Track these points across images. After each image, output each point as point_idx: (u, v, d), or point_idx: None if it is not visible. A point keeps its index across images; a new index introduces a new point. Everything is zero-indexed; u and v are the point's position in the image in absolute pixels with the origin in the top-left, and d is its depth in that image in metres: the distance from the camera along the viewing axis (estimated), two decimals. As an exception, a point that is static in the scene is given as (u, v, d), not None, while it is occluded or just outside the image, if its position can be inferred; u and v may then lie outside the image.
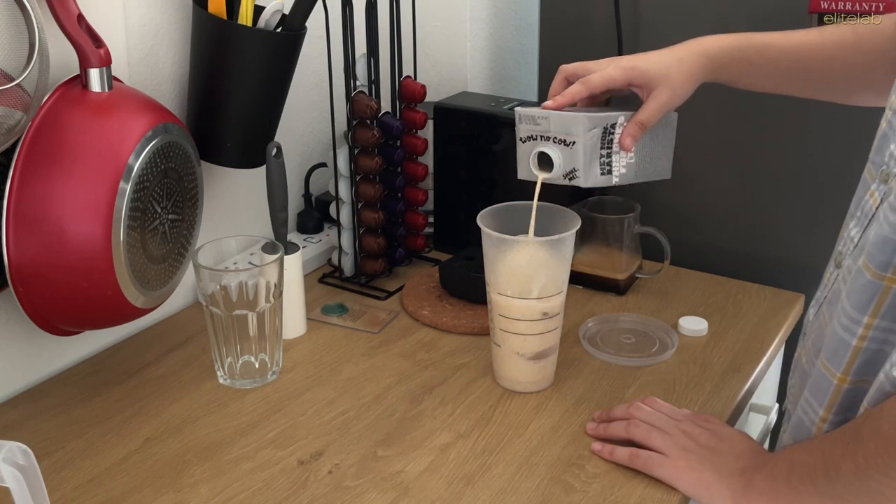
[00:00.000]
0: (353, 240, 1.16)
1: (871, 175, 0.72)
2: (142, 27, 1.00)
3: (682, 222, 1.28)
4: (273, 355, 0.97)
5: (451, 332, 1.07)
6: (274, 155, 0.99)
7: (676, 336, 1.04)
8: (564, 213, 0.94)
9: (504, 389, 0.96)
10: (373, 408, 0.92)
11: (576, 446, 0.86)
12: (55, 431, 0.89)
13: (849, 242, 0.73)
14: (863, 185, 0.74)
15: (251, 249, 1.08)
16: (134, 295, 0.88)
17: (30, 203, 0.81)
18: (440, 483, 0.81)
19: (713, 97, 1.21)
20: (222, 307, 0.93)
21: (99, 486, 0.81)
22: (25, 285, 0.83)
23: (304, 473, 0.83)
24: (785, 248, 1.21)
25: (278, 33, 1.00)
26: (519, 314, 0.92)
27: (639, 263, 1.17)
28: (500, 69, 1.48)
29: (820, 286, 0.80)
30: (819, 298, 0.79)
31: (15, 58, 0.78)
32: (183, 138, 0.92)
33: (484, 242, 0.92)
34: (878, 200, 0.69)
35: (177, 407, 0.93)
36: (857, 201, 0.74)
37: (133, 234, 0.86)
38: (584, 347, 1.03)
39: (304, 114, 1.26)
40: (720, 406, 0.93)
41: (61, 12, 0.82)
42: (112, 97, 0.87)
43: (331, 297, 1.16)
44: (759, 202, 1.22)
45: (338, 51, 1.09)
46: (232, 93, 1.00)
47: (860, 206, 0.72)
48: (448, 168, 1.25)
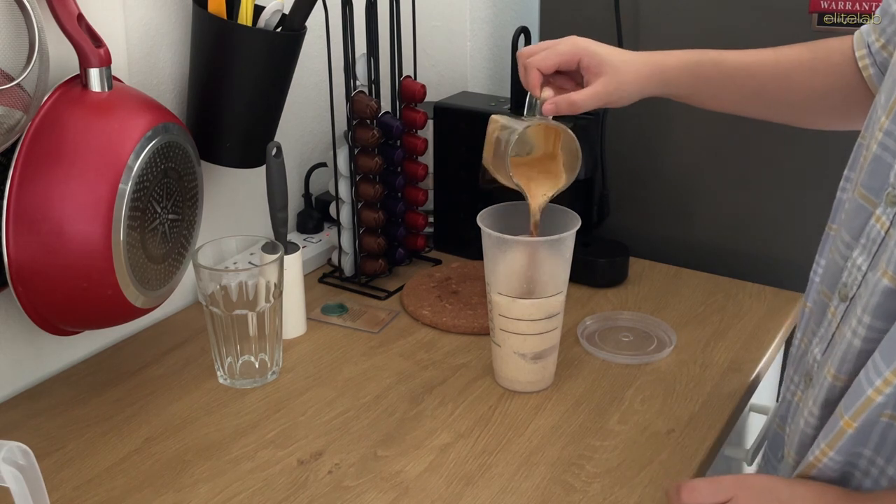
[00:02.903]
0: (353, 240, 1.16)
1: (867, 200, 0.69)
2: (142, 27, 1.00)
3: (682, 222, 1.28)
4: (273, 355, 0.97)
5: (451, 331, 1.07)
6: (274, 155, 0.99)
7: (674, 334, 1.04)
8: (564, 213, 0.94)
9: (504, 389, 0.96)
10: (373, 408, 0.92)
11: (576, 446, 0.86)
12: (55, 431, 0.89)
13: (855, 272, 0.69)
14: (858, 211, 0.70)
15: (251, 249, 1.08)
16: (134, 295, 0.88)
17: (30, 203, 0.81)
18: (440, 483, 0.81)
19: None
20: (222, 307, 0.93)
21: (99, 486, 0.81)
22: (25, 285, 0.83)
23: (304, 473, 0.83)
24: (785, 248, 1.21)
25: (278, 33, 1.00)
26: (519, 314, 0.92)
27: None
28: (500, 69, 1.48)
29: (821, 323, 0.74)
30: (824, 336, 0.73)
31: (15, 58, 0.78)
32: (183, 138, 0.92)
33: (484, 242, 0.92)
34: (886, 224, 0.66)
35: (177, 407, 0.93)
36: (853, 229, 0.70)
37: (133, 233, 0.86)
38: (583, 345, 1.03)
39: (304, 114, 1.26)
40: (720, 406, 0.93)
41: (61, 12, 0.82)
42: (112, 97, 0.87)
43: (331, 296, 1.16)
44: (759, 202, 1.22)
45: (338, 51, 1.09)
46: (232, 93, 1.00)
47: (865, 234, 0.68)
48: (448, 168, 1.25)
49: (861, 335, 0.65)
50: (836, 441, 0.66)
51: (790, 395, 0.81)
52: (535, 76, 0.88)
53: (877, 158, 0.68)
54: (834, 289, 0.73)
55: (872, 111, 0.73)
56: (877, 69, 0.81)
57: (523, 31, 1.18)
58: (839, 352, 0.68)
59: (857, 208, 0.70)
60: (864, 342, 0.65)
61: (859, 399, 0.63)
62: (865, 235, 0.69)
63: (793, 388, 0.80)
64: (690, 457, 0.85)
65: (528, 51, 0.90)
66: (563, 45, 0.88)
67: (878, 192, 0.68)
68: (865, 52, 0.82)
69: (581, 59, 0.88)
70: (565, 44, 0.88)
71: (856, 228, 0.70)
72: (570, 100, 0.87)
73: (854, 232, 0.70)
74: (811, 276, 0.79)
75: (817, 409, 0.70)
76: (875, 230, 0.67)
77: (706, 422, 0.90)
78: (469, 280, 1.18)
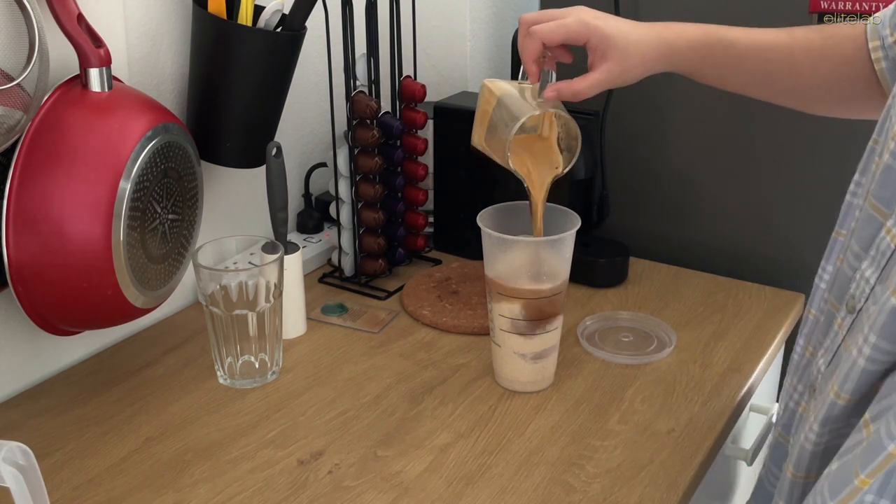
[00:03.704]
0: (353, 240, 1.16)
1: (878, 211, 0.66)
2: (142, 27, 1.00)
3: (682, 222, 1.28)
4: (273, 355, 0.97)
5: (451, 331, 1.07)
6: (274, 155, 0.99)
7: (674, 334, 1.04)
8: (564, 214, 0.94)
9: (504, 389, 0.96)
10: (373, 408, 0.92)
11: (576, 446, 0.86)
12: (55, 431, 0.89)
13: (863, 285, 0.67)
14: (868, 221, 0.67)
15: (251, 249, 1.08)
16: (134, 295, 0.88)
17: (30, 203, 0.81)
18: (440, 483, 0.81)
19: (713, 97, 1.21)
20: (222, 307, 0.93)
21: (99, 486, 0.81)
22: (25, 285, 0.83)
23: (304, 473, 0.83)
24: (785, 248, 1.21)
25: (278, 33, 1.00)
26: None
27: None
28: (500, 69, 1.48)
29: (827, 334, 0.72)
30: (829, 347, 0.71)
31: (15, 58, 0.78)
32: (183, 138, 0.92)
33: (484, 242, 0.92)
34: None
35: (177, 407, 0.93)
36: (863, 239, 0.68)
37: (133, 233, 0.86)
38: (582, 345, 1.03)
39: (304, 114, 1.26)
40: (720, 406, 0.93)
41: (61, 12, 0.82)
42: (112, 97, 0.87)
43: (331, 296, 1.16)
44: (759, 202, 1.22)
45: (338, 51, 1.09)
46: (232, 92, 1.00)
47: (875, 246, 0.66)
48: (448, 168, 1.25)
49: (866, 354, 0.63)
50: (849, 499, 0.61)
51: (794, 405, 0.79)
52: (536, 48, 0.85)
53: (889, 168, 0.66)
54: (842, 300, 0.70)
55: (886, 115, 0.70)
56: (889, 62, 0.79)
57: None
58: (843, 369, 0.65)
59: (868, 218, 0.68)
60: (869, 362, 0.63)
61: (879, 455, 0.58)
62: (875, 247, 0.66)
63: (796, 398, 0.78)
64: (690, 457, 0.85)
65: (532, 17, 0.86)
66: (573, 22, 0.84)
67: (890, 203, 0.65)
68: (879, 45, 0.80)
69: (590, 39, 0.84)
70: (575, 20, 0.84)
71: (865, 239, 0.68)
72: (573, 89, 0.85)
73: (863, 243, 0.68)
74: (816, 281, 0.77)
75: (817, 425, 0.68)
76: (885, 243, 0.65)
77: (706, 422, 0.90)
78: (469, 280, 1.18)
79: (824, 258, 0.77)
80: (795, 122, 1.16)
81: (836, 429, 0.66)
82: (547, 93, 0.86)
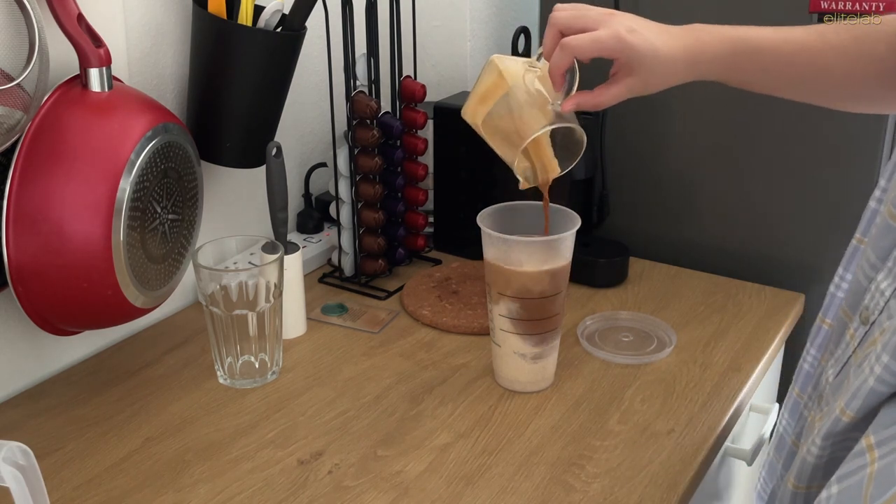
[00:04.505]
0: (353, 240, 1.16)
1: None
2: (142, 27, 1.00)
3: (682, 222, 1.28)
4: (273, 355, 0.97)
5: (451, 331, 1.07)
6: (274, 155, 0.99)
7: (674, 334, 1.04)
8: (564, 213, 0.94)
9: (504, 389, 0.96)
10: (373, 408, 0.92)
11: (576, 446, 0.86)
12: (55, 431, 0.89)
13: (878, 297, 0.65)
14: (886, 230, 0.65)
15: (251, 249, 1.08)
16: (134, 295, 0.88)
17: (30, 203, 0.81)
18: (440, 483, 0.81)
19: (714, 97, 1.21)
20: (222, 307, 0.93)
21: (99, 486, 0.81)
22: (25, 285, 0.83)
23: (304, 473, 0.83)
24: (785, 248, 1.21)
25: (278, 33, 1.00)
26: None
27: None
28: (500, 69, 1.48)
29: (839, 344, 0.71)
30: (840, 358, 0.70)
31: (15, 58, 0.78)
32: (183, 138, 0.92)
33: (484, 242, 0.92)
34: None
35: (177, 407, 0.93)
36: (880, 249, 0.66)
37: (133, 233, 0.86)
38: (583, 345, 1.03)
39: (304, 114, 1.26)
40: (720, 406, 0.93)
41: (61, 12, 0.82)
42: (112, 97, 0.87)
43: (331, 296, 1.16)
44: (759, 202, 1.22)
45: (338, 51, 1.09)
46: (232, 93, 1.00)
47: (892, 257, 0.64)
48: (448, 168, 1.25)
49: (876, 374, 0.61)
50: None
51: (806, 413, 0.77)
52: (568, 63, 0.83)
53: None
54: (855, 310, 0.68)
55: None
56: None
57: (523, 31, 1.18)
58: (853, 387, 0.64)
59: (886, 227, 0.65)
60: (878, 382, 0.61)
61: (890, 489, 0.56)
62: (893, 258, 0.64)
63: (811, 406, 0.77)
64: (690, 457, 0.85)
65: (565, 21, 0.82)
66: (607, 38, 0.81)
67: None
68: None
69: (620, 56, 0.82)
70: (609, 36, 0.81)
71: (883, 249, 0.66)
72: (594, 101, 0.84)
73: (881, 253, 0.66)
74: (832, 290, 0.76)
75: (819, 439, 0.67)
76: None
77: (706, 422, 0.90)
78: (469, 280, 1.18)
79: (842, 266, 0.75)
80: (796, 122, 1.16)
81: (837, 442, 0.65)
82: (566, 105, 0.84)
